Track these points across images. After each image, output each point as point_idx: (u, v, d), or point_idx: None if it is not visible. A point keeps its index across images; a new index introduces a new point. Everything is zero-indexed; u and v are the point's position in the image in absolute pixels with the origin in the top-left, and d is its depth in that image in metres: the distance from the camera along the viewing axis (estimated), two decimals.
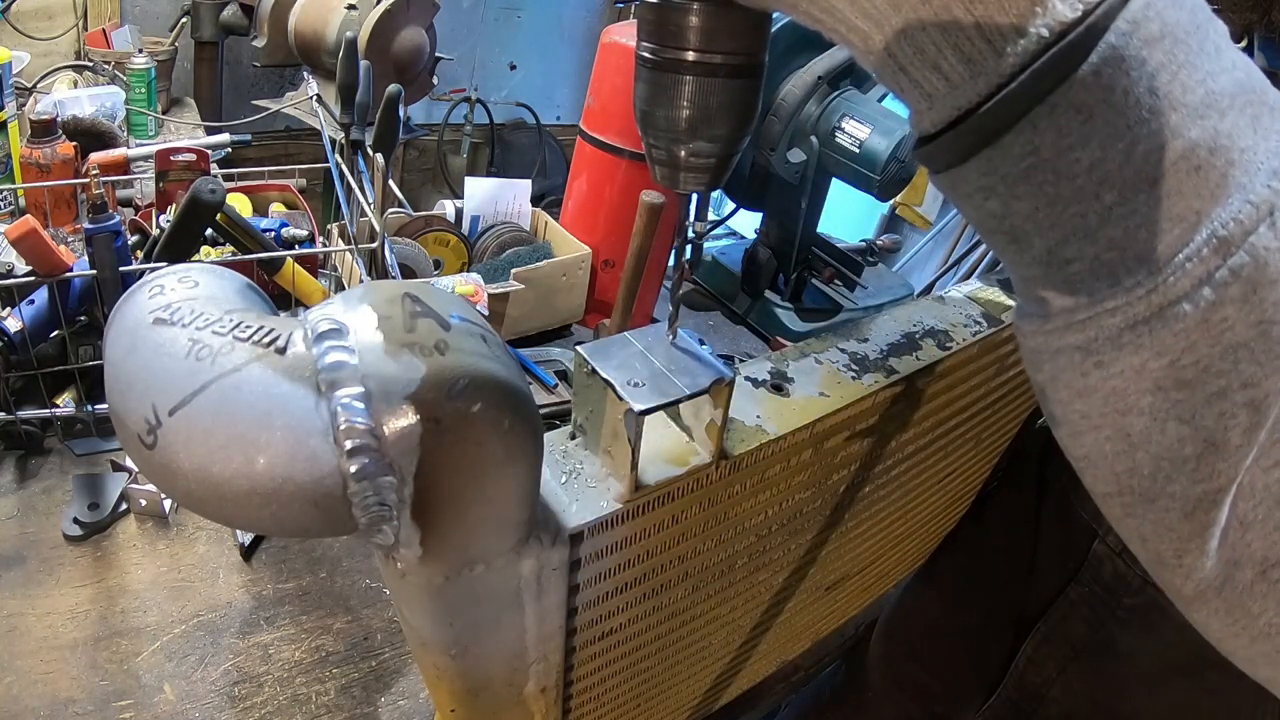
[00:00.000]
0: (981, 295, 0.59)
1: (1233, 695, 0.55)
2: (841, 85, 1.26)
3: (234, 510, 0.26)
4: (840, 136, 1.23)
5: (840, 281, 1.45)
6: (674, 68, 0.34)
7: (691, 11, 0.32)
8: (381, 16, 1.64)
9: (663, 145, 0.36)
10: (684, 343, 0.39)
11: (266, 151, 2.18)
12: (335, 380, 0.25)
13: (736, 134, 0.36)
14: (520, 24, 2.77)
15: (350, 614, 0.73)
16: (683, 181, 0.37)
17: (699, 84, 0.34)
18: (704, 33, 0.33)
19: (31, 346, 0.81)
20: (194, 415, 0.25)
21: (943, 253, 3.09)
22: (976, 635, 0.72)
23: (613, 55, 1.18)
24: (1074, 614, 0.62)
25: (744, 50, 0.34)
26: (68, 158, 1.14)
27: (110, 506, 0.77)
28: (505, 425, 0.28)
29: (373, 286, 0.28)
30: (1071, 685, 0.62)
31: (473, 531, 0.30)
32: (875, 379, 0.48)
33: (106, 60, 1.63)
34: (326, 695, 0.66)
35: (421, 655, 0.38)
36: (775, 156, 1.26)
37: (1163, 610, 0.56)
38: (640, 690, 0.53)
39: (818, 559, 0.58)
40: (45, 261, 0.77)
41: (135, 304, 0.29)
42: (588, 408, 0.38)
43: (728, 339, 1.40)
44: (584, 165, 1.26)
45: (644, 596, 0.44)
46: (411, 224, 1.15)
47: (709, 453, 0.40)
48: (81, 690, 0.62)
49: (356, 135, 1.06)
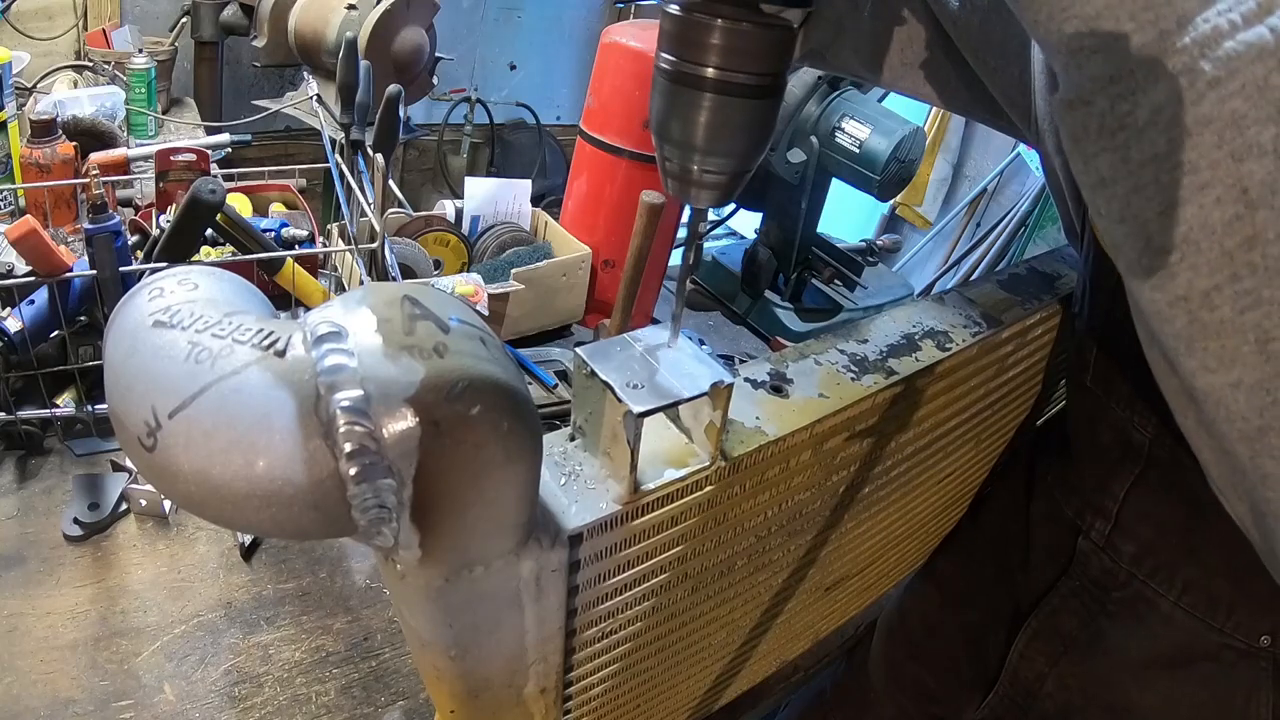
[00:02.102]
0: (981, 296, 0.59)
1: (1225, 687, 0.55)
2: (841, 85, 1.26)
3: (233, 512, 0.26)
4: (840, 136, 1.23)
5: (840, 281, 1.45)
6: (693, 83, 0.33)
7: (715, 28, 0.32)
8: (381, 16, 1.64)
9: (676, 159, 0.36)
10: (684, 344, 0.39)
11: (266, 151, 2.18)
12: (334, 383, 0.25)
13: (752, 153, 0.35)
14: (520, 24, 2.77)
15: (350, 614, 0.73)
16: (694, 196, 0.36)
17: (717, 102, 0.33)
18: (726, 51, 0.32)
19: (31, 346, 0.81)
20: (194, 418, 0.25)
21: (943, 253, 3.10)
22: (975, 634, 0.73)
23: (613, 55, 1.18)
24: (1063, 608, 0.62)
25: (765, 70, 0.33)
26: (68, 158, 1.14)
27: (110, 506, 0.77)
28: (504, 427, 0.28)
29: (372, 289, 0.28)
30: (1064, 680, 0.63)
31: (472, 533, 0.30)
32: (875, 380, 0.48)
33: (106, 60, 1.63)
34: (326, 695, 0.66)
35: (421, 656, 0.38)
36: (775, 156, 1.26)
37: (1150, 603, 0.56)
38: (640, 691, 0.53)
39: (817, 559, 0.58)
40: (45, 261, 0.77)
41: (135, 306, 0.29)
42: (587, 409, 0.38)
43: (728, 339, 1.40)
44: (584, 165, 1.26)
45: (644, 597, 0.44)
46: (411, 224, 1.15)
47: (708, 454, 0.40)
48: (81, 690, 0.62)
49: (356, 135, 1.06)
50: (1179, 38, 0.24)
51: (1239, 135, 0.23)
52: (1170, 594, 0.55)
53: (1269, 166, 0.23)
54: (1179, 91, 0.24)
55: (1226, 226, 0.24)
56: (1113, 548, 0.58)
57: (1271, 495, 0.27)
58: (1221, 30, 0.23)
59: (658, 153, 0.37)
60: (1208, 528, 0.52)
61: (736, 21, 0.32)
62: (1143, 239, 0.27)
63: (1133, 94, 0.25)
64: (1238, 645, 0.54)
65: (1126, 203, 0.27)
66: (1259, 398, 0.26)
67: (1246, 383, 0.26)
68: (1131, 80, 0.25)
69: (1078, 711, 0.62)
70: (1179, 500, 0.54)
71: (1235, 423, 0.27)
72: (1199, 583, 0.54)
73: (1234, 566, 0.52)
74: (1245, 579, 0.52)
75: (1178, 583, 0.55)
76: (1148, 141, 0.25)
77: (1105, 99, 0.26)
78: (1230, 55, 0.23)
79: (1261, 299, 0.25)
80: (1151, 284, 0.27)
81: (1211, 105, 0.24)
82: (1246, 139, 0.23)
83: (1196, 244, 0.25)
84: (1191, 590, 0.54)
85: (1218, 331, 0.26)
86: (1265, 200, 0.24)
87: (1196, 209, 0.25)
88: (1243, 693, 0.54)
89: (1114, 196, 0.27)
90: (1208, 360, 0.27)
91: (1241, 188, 0.24)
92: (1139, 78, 0.25)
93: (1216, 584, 0.53)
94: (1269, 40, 0.23)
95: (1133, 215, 0.27)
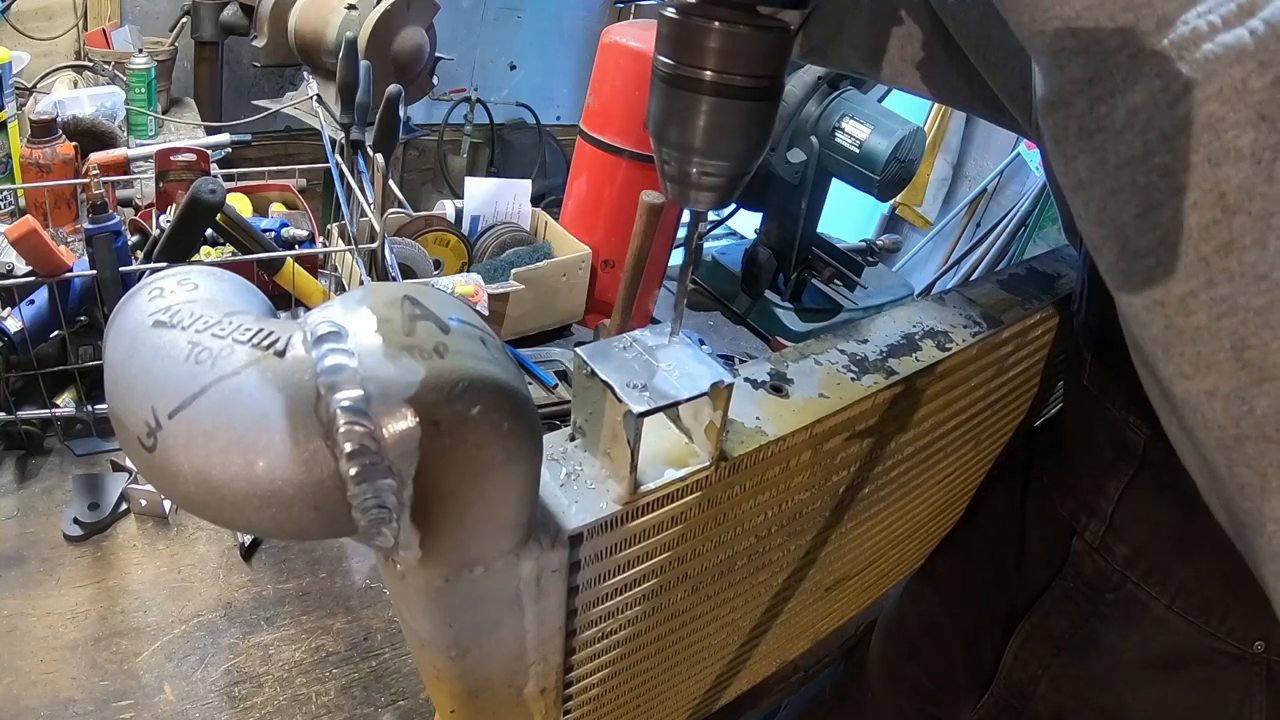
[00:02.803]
0: (981, 296, 0.59)
1: (1217, 692, 0.54)
2: (841, 85, 1.26)
3: (233, 513, 0.26)
4: (840, 136, 1.23)
5: (840, 281, 1.45)
6: (691, 86, 0.33)
7: (713, 31, 0.32)
8: (381, 16, 1.64)
9: (675, 161, 0.36)
10: (684, 344, 0.39)
11: (266, 151, 2.18)
12: (334, 383, 0.25)
13: (750, 155, 0.35)
14: (520, 24, 2.77)
15: (350, 614, 0.73)
16: (693, 199, 0.37)
17: (715, 104, 0.33)
18: (724, 53, 0.32)
19: (31, 346, 0.81)
20: (194, 418, 0.25)
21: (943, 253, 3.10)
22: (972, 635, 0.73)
23: (613, 55, 1.18)
24: (1057, 610, 0.62)
25: (763, 73, 0.33)
26: (68, 158, 1.14)
27: (110, 506, 0.77)
28: (504, 427, 0.28)
29: (372, 289, 0.28)
30: (1057, 682, 0.62)
31: (472, 533, 0.30)
32: (875, 380, 0.48)
33: (106, 60, 1.63)
34: (326, 695, 0.66)
35: (421, 656, 0.38)
36: (775, 156, 1.26)
37: (1143, 605, 0.56)
38: (640, 691, 0.53)
39: (817, 560, 0.58)
40: (45, 261, 0.77)
41: (135, 306, 0.29)
42: (587, 409, 0.38)
43: (728, 339, 1.40)
44: (584, 165, 1.26)
45: (644, 598, 0.44)
46: (411, 224, 1.15)
47: (708, 454, 0.40)
48: (81, 690, 0.62)
49: (356, 135, 1.06)
50: (1158, 39, 0.24)
51: (1216, 139, 0.23)
52: (1163, 597, 0.55)
53: (1246, 171, 0.23)
54: (1156, 94, 0.24)
55: (1203, 231, 0.24)
56: (1107, 549, 0.58)
57: (1249, 506, 0.27)
58: (1201, 32, 0.23)
59: (656, 156, 0.37)
60: (1202, 531, 0.52)
61: (734, 24, 0.32)
62: (1120, 242, 0.26)
63: (1111, 96, 0.25)
64: (1231, 650, 0.53)
65: (1104, 205, 0.27)
66: (1235, 406, 0.25)
67: (1222, 390, 0.26)
68: (1110, 82, 0.25)
69: (1070, 713, 0.62)
70: (1174, 502, 0.53)
71: (1212, 430, 0.27)
72: (1192, 586, 0.54)
73: (1228, 571, 0.52)
74: (1239, 583, 0.52)
75: (1171, 586, 0.55)
76: (1124, 144, 0.25)
77: (1084, 101, 0.26)
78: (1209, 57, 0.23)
79: (1237, 305, 0.24)
80: (1129, 287, 0.27)
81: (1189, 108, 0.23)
82: (1224, 143, 0.23)
83: (1173, 248, 0.25)
84: (1185, 594, 0.54)
85: (1194, 337, 0.25)
86: (1242, 206, 0.23)
87: (1172, 213, 0.24)
88: (1235, 698, 0.54)
89: (1092, 199, 0.27)
90: (1184, 366, 0.26)
91: (1219, 193, 0.23)
92: (1118, 79, 0.25)
93: (1210, 588, 0.53)
94: (1248, 43, 0.22)
95: (1110, 218, 0.26)
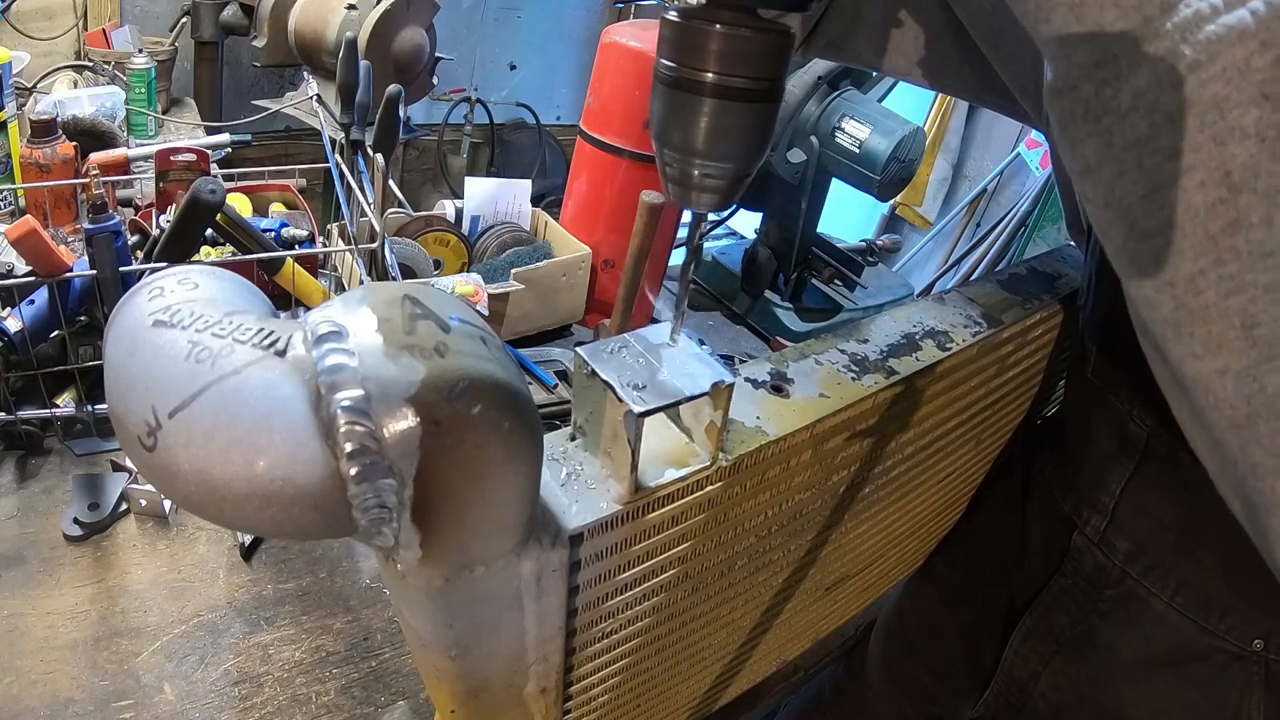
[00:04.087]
0: (982, 296, 0.59)
1: (1216, 689, 0.54)
2: (841, 85, 1.26)
3: (234, 512, 0.26)
4: (840, 136, 1.23)
5: (840, 281, 1.45)
6: (692, 88, 0.33)
7: (715, 33, 0.32)
8: (381, 16, 1.64)
9: (676, 164, 0.36)
10: (684, 344, 0.39)
11: (266, 151, 2.18)
12: (335, 383, 0.25)
13: (752, 156, 0.35)
14: (520, 24, 2.77)
15: (350, 614, 0.73)
16: (695, 200, 0.37)
17: (717, 106, 0.33)
18: (725, 56, 0.32)
19: (31, 346, 0.81)
20: (194, 418, 0.25)
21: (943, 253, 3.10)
22: (972, 633, 0.72)
23: (613, 55, 1.17)
24: (1056, 606, 0.62)
25: (764, 75, 0.33)
26: (68, 158, 1.14)
27: (110, 506, 0.77)
28: (505, 427, 0.28)
29: (372, 288, 0.28)
30: (1056, 679, 0.62)
31: (472, 533, 0.30)
32: (875, 380, 0.48)
33: (106, 60, 1.63)
34: (326, 695, 0.66)
35: (421, 656, 0.38)
36: (775, 156, 1.26)
37: (1142, 602, 0.56)
38: (640, 690, 0.53)
39: (817, 559, 0.58)
40: (45, 261, 0.77)
41: (135, 306, 0.29)
42: (588, 409, 0.38)
43: (728, 339, 1.40)
44: (584, 165, 1.26)
45: (644, 597, 0.44)
46: (411, 224, 1.15)
47: (709, 454, 0.40)
48: (81, 690, 0.62)
49: (356, 135, 1.06)
50: (1162, 22, 0.24)
51: (1221, 119, 0.23)
52: (1163, 594, 0.55)
53: (1251, 150, 0.23)
54: (1160, 76, 0.24)
55: (1210, 210, 0.24)
56: (1107, 544, 0.58)
57: (1262, 485, 0.27)
58: (1203, 14, 0.23)
59: (658, 158, 0.37)
60: (1204, 527, 0.52)
61: (735, 27, 0.32)
62: (1127, 223, 0.27)
63: (1116, 79, 0.25)
64: (1230, 648, 0.53)
65: (1111, 188, 0.27)
66: (1246, 384, 0.26)
67: (1233, 369, 0.26)
68: (1115, 65, 0.25)
69: (1069, 711, 0.62)
70: (1175, 498, 0.53)
71: (1223, 410, 0.27)
72: (1193, 583, 0.54)
73: (1229, 568, 0.52)
74: (1240, 581, 0.52)
75: (1171, 582, 0.55)
76: (1130, 126, 0.25)
77: (1090, 85, 0.26)
78: (1212, 38, 0.23)
79: (1245, 283, 0.24)
80: (1138, 269, 0.27)
81: (1193, 89, 0.24)
82: (1229, 122, 0.23)
83: (1180, 228, 0.25)
84: (1185, 590, 0.54)
85: (1203, 317, 0.26)
86: (1248, 184, 0.23)
87: (1179, 193, 0.25)
88: (1234, 696, 0.54)
89: (1099, 181, 0.27)
90: (1194, 346, 0.27)
91: (1224, 171, 0.24)
92: (1123, 63, 0.25)
93: (1210, 585, 0.53)
94: (1249, 23, 0.23)
95: (1117, 200, 0.27)
